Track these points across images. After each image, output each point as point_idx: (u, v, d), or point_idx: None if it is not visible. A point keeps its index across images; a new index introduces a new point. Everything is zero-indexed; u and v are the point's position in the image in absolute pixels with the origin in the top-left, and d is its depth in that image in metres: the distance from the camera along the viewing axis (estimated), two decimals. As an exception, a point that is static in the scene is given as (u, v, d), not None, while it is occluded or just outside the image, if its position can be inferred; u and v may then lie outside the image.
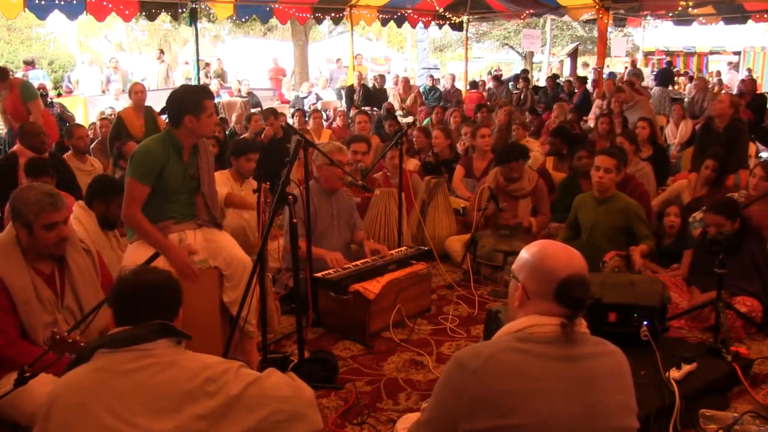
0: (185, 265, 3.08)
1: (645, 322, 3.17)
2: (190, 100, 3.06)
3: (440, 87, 13.64)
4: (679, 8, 11.51)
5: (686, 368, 2.92)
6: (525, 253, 1.74)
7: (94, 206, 3.69)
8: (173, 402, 1.67)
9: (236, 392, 1.73)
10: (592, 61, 16.58)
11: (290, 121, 8.85)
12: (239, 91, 12.59)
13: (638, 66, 17.85)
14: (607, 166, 4.30)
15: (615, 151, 4.65)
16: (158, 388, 1.67)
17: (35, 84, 8.79)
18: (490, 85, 14.38)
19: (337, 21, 12.40)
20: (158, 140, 3.15)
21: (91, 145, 7.23)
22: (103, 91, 12.08)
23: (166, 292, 1.84)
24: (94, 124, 8.19)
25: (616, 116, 7.81)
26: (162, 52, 13.59)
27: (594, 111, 9.98)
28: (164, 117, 5.00)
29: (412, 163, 6.02)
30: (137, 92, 6.86)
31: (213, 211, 3.32)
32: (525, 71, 16.63)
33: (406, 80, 12.65)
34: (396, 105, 11.55)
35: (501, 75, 17.76)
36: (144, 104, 6.83)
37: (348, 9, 11.89)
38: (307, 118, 8.61)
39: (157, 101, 7.07)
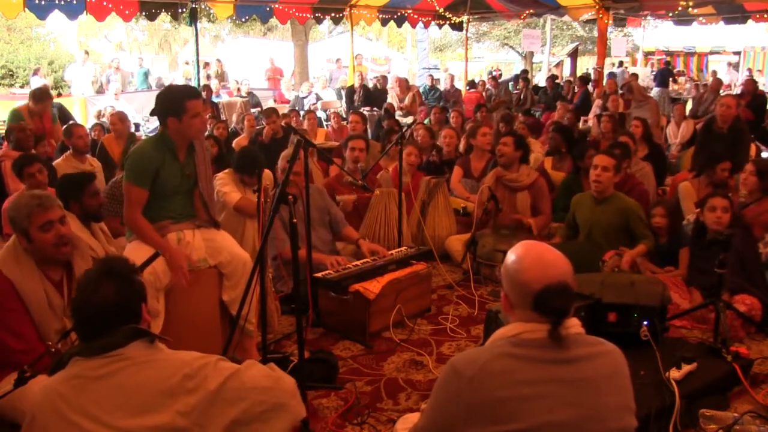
0: (181, 267, 3.08)
1: (645, 322, 3.17)
2: (170, 101, 3.04)
3: (440, 87, 13.64)
4: (679, 8, 11.51)
5: (686, 368, 2.92)
6: (506, 261, 1.73)
7: (71, 207, 3.66)
8: (152, 401, 1.66)
9: (215, 387, 1.71)
10: (593, 60, 16.60)
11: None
12: (238, 90, 12.60)
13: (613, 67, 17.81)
14: (605, 165, 4.31)
15: (615, 151, 4.64)
16: (136, 389, 1.66)
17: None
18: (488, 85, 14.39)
19: (337, 21, 12.40)
20: (152, 142, 3.16)
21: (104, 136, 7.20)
22: (98, 91, 12.09)
23: (117, 307, 1.75)
24: (98, 125, 8.17)
25: (611, 113, 7.82)
26: (117, 69, 13.60)
27: (594, 111, 9.99)
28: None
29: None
30: (113, 123, 6.76)
31: (211, 211, 3.32)
32: (525, 71, 16.63)
33: (404, 80, 12.64)
34: (395, 105, 11.55)
35: (500, 75, 17.77)
36: (125, 132, 6.71)
37: (348, 9, 11.90)
38: (302, 119, 8.62)
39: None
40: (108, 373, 1.67)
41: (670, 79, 14.74)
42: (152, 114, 3.17)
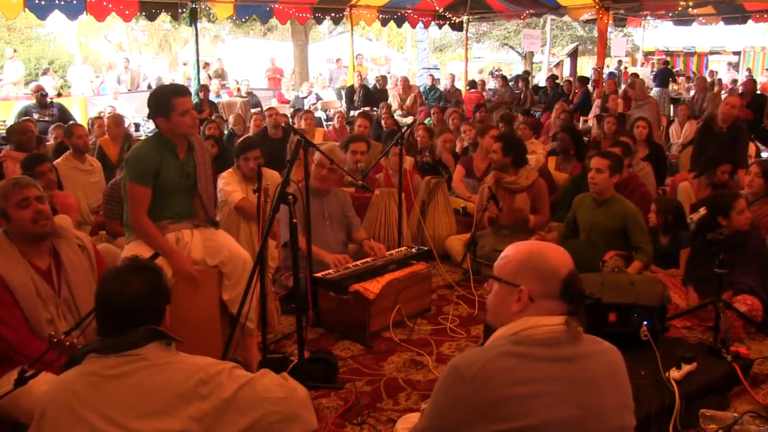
0: (187, 270, 3.09)
1: (645, 322, 3.17)
2: (157, 102, 3.07)
3: (440, 87, 13.63)
4: (679, 8, 11.53)
5: (686, 368, 2.92)
6: (516, 256, 1.70)
7: None
8: (166, 404, 1.66)
9: (229, 395, 1.71)
10: (593, 60, 16.58)
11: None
12: (238, 90, 12.60)
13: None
14: (599, 167, 4.32)
15: (611, 152, 4.64)
16: (151, 391, 1.66)
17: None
18: (490, 85, 14.36)
19: (337, 21, 12.41)
20: (150, 141, 3.18)
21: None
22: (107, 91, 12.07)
23: (148, 301, 1.77)
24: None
25: (612, 114, 7.83)
26: (127, 60, 13.62)
27: (594, 111, 10.00)
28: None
29: (407, 162, 6.01)
30: (108, 126, 6.85)
31: (209, 211, 3.32)
32: (527, 72, 16.62)
33: (406, 80, 12.64)
34: (395, 105, 11.55)
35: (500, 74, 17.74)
36: (120, 135, 6.75)
37: (348, 9, 11.90)
38: (300, 119, 8.62)
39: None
40: (124, 373, 1.67)
41: (670, 79, 14.74)
42: (148, 117, 3.20)
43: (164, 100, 3.04)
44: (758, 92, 11.27)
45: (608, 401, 1.61)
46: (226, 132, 8.38)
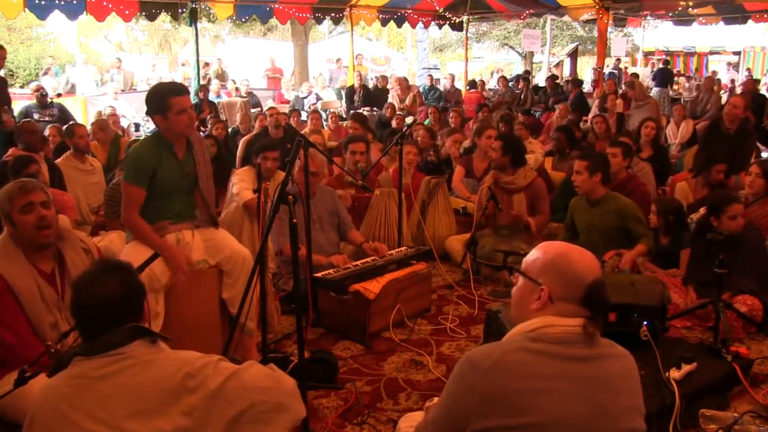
0: (180, 267, 3.08)
1: (645, 322, 3.17)
2: (154, 100, 3.06)
3: (440, 87, 13.63)
4: (679, 8, 11.53)
5: (686, 368, 2.91)
6: (544, 255, 1.70)
7: None
8: (156, 402, 1.66)
9: (216, 386, 1.71)
10: (593, 60, 16.59)
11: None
12: (237, 91, 12.60)
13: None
14: (577, 169, 4.38)
15: (589, 153, 4.66)
16: (139, 389, 1.66)
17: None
18: (490, 86, 14.34)
19: (337, 21, 12.42)
20: (148, 141, 3.19)
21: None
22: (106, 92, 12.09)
23: (124, 299, 1.76)
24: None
25: (611, 115, 7.81)
26: (120, 60, 13.62)
27: (594, 111, 10.00)
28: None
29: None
30: (94, 133, 6.82)
31: (210, 209, 3.32)
32: (527, 72, 16.60)
33: (403, 80, 12.63)
34: (395, 105, 11.55)
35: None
36: (107, 139, 6.76)
37: (348, 9, 11.91)
38: (306, 119, 8.64)
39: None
40: (110, 372, 1.67)
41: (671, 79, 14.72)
42: (147, 114, 3.20)
43: (161, 99, 3.03)
44: (759, 92, 11.26)
45: (620, 402, 1.62)
46: (229, 130, 8.40)
